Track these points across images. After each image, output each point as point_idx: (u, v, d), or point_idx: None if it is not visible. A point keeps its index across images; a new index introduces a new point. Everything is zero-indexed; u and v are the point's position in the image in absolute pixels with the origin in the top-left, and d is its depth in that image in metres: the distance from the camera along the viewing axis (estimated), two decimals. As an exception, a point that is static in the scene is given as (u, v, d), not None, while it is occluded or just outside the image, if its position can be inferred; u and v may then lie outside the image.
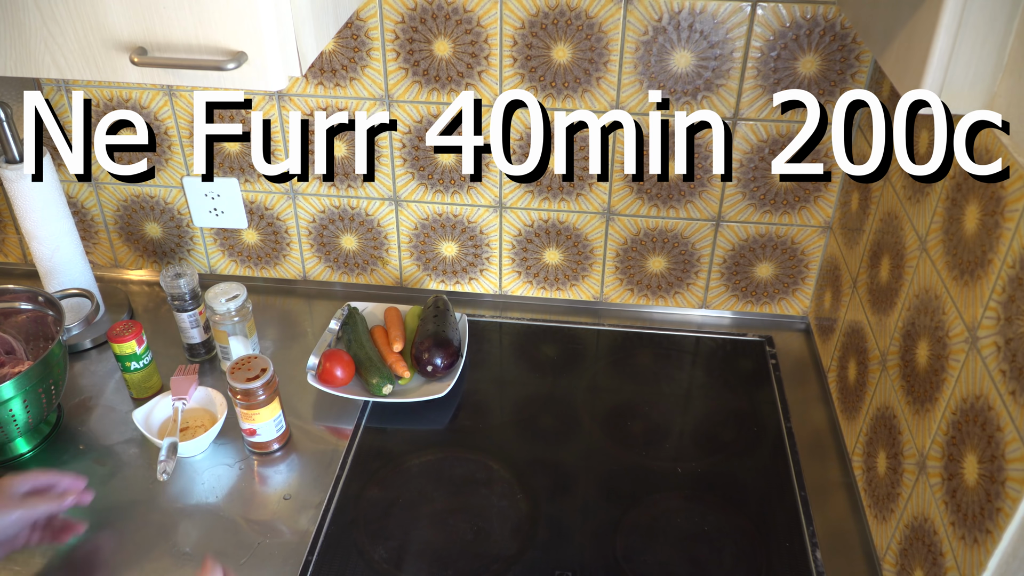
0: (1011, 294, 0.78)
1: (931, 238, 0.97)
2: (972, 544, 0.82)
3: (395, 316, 1.42)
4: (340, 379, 1.30)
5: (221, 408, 1.23)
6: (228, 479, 1.18)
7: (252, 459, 1.21)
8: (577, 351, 1.41)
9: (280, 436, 1.22)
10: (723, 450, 1.23)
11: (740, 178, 1.34)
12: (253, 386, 1.16)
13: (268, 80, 0.83)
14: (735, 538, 1.11)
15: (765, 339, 1.44)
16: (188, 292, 1.35)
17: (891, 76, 0.85)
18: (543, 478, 1.19)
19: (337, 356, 1.31)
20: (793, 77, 1.23)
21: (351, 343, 1.35)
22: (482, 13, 1.23)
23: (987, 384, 0.82)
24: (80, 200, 1.51)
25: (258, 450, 1.22)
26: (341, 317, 1.40)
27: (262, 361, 1.20)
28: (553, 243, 1.45)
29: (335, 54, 1.30)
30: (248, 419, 1.18)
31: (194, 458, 1.21)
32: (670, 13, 1.20)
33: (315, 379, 1.30)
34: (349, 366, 1.31)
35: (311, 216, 1.48)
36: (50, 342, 1.26)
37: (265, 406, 1.17)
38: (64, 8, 0.82)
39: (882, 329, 1.10)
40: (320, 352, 1.33)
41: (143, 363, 1.30)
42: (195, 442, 1.19)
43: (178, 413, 1.21)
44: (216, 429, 1.21)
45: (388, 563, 1.07)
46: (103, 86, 1.37)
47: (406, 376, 1.32)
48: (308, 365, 1.32)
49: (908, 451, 0.99)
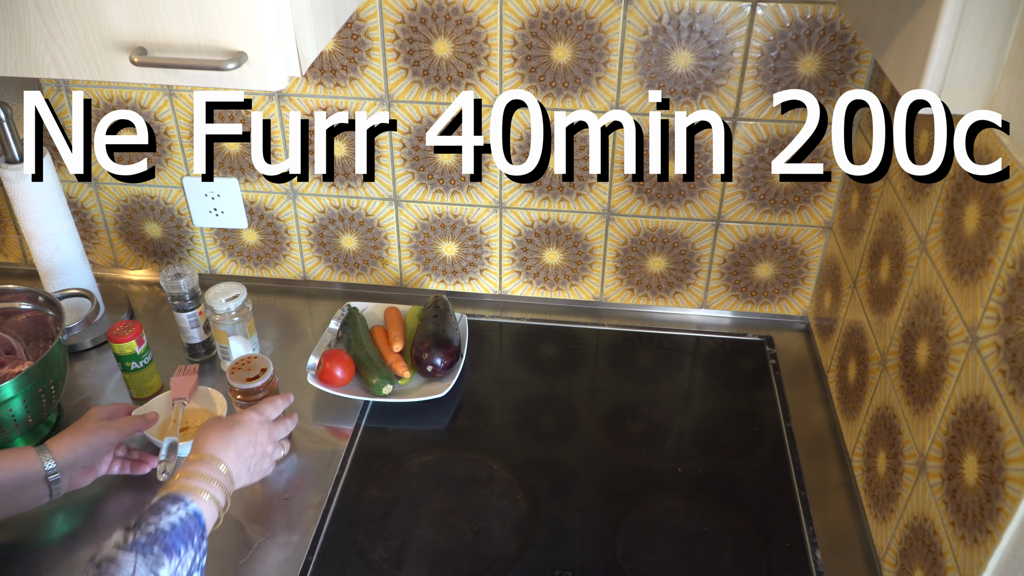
0: (1011, 294, 0.78)
1: (931, 238, 0.97)
2: (972, 544, 0.82)
3: (395, 316, 1.42)
4: (340, 379, 1.30)
5: (221, 408, 1.23)
6: (228, 479, 1.18)
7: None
8: (577, 351, 1.41)
9: None
10: (723, 450, 1.23)
11: (740, 178, 1.34)
12: (253, 386, 1.16)
13: (268, 80, 0.83)
14: (735, 538, 1.11)
15: (765, 339, 1.44)
16: (188, 292, 1.35)
17: (891, 76, 0.85)
18: (543, 478, 1.19)
19: (337, 356, 1.31)
20: (793, 77, 1.23)
21: (351, 343, 1.35)
22: (482, 13, 1.23)
23: (987, 384, 0.82)
24: (80, 200, 1.51)
25: None
26: (341, 317, 1.40)
27: (262, 361, 1.20)
28: (553, 243, 1.45)
29: (335, 54, 1.30)
30: None
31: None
32: (670, 13, 1.20)
33: (315, 379, 1.30)
34: (349, 366, 1.31)
35: (311, 216, 1.48)
36: (50, 342, 1.26)
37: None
38: (64, 8, 0.82)
39: (882, 329, 1.10)
40: (320, 352, 1.33)
41: (143, 363, 1.30)
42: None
43: (179, 413, 1.21)
44: None
45: (388, 563, 1.07)
46: (103, 86, 1.37)
47: (406, 376, 1.32)
48: (308, 365, 1.32)
49: (908, 451, 0.99)
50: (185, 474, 0.93)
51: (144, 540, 0.82)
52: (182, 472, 0.93)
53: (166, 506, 0.86)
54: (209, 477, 0.93)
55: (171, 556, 0.82)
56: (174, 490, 0.90)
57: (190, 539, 0.85)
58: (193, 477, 0.92)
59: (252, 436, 1.03)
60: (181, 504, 0.87)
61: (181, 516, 0.86)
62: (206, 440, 0.99)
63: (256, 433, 1.04)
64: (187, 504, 0.87)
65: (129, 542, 0.81)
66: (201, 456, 0.96)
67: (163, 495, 0.88)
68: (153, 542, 0.82)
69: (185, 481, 0.91)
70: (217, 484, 0.93)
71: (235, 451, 0.99)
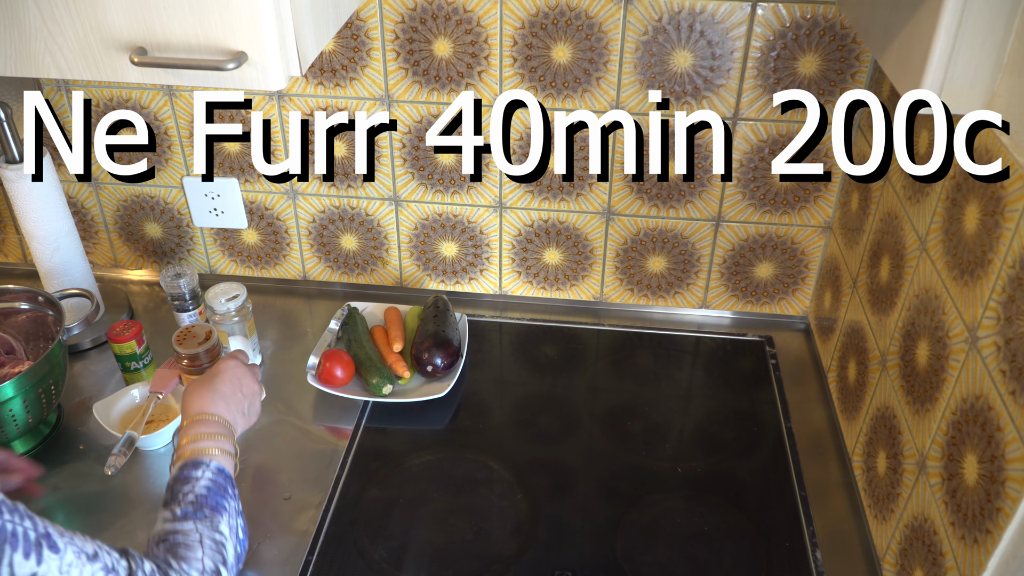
0: (1011, 294, 0.78)
1: (931, 238, 0.97)
2: (972, 544, 0.82)
3: (395, 316, 1.42)
4: (340, 379, 1.30)
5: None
6: (228, 479, 1.18)
7: (252, 458, 1.22)
8: (577, 351, 1.41)
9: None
10: (723, 450, 1.23)
11: (740, 178, 1.34)
12: (197, 351, 1.19)
13: (268, 80, 0.83)
14: (735, 538, 1.11)
15: (765, 339, 1.44)
16: (188, 292, 1.35)
17: (891, 76, 0.85)
18: (543, 478, 1.19)
19: (337, 356, 1.31)
20: (793, 77, 1.23)
21: (351, 343, 1.35)
22: (482, 13, 1.23)
23: (987, 384, 0.82)
24: (80, 200, 1.51)
25: None
26: (341, 317, 1.40)
27: (204, 328, 1.23)
28: (553, 243, 1.45)
29: (335, 54, 1.30)
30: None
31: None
32: (670, 13, 1.20)
33: (315, 379, 1.30)
34: (349, 366, 1.31)
35: (311, 216, 1.48)
36: (50, 342, 1.26)
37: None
38: (64, 8, 0.82)
39: (882, 329, 1.10)
40: (320, 352, 1.33)
41: (143, 363, 1.30)
42: (158, 435, 1.19)
43: (150, 406, 1.19)
44: (179, 421, 1.20)
45: (388, 563, 1.07)
46: (103, 86, 1.37)
47: (406, 376, 1.32)
48: (308, 365, 1.32)
49: (908, 451, 0.99)
50: (189, 438, 0.94)
51: (191, 509, 0.86)
52: (186, 438, 0.95)
53: (190, 473, 0.90)
54: (211, 433, 0.95)
55: (220, 512, 0.88)
56: (188, 456, 0.92)
57: (226, 493, 0.90)
58: (198, 439, 0.94)
59: (235, 383, 1.04)
60: (203, 466, 0.91)
61: (209, 476, 0.90)
62: (192, 401, 1.00)
63: (240, 379, 1.05)
64: (208, 464, 0.91)
65: (179, 513, 0.86)
66: (193, 417, 0.97)
67: (181, 464, 0.91)
68: (200, 507, 0.86)
69: (193, 445, 0.93)
70: (220, 436, 0.96)
71: (223, 401, 1.01)
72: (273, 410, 1.29)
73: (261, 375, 1.17)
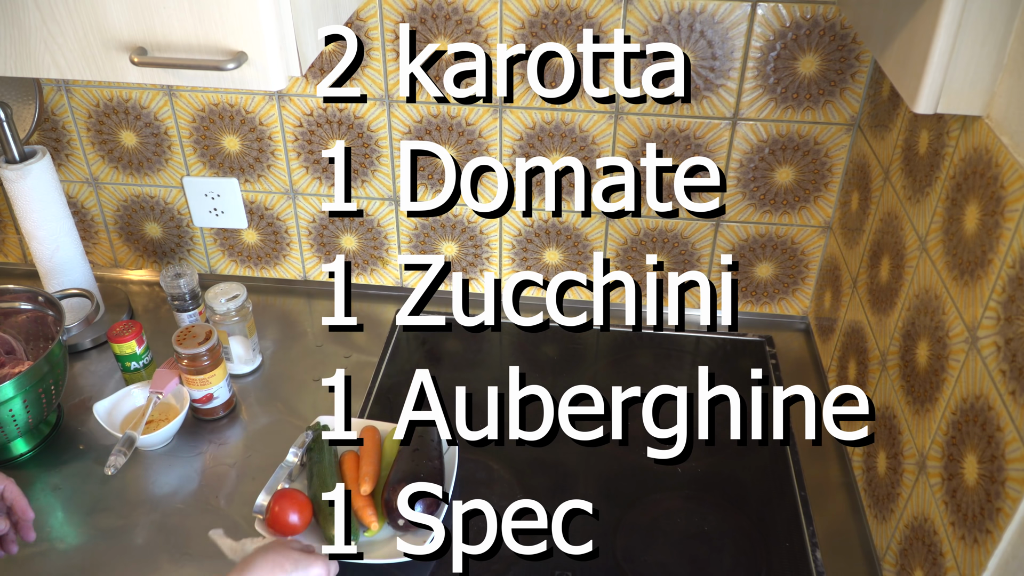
0: (1011, 294, 0.78)
1: (931, 238, 0.97)
2: (972, 544, 0.82)
3: (372, 441, 1.17)
4: (295, 526, 1.05)
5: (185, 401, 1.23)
6: (230, 480, 1.18)
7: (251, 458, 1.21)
8: (577, 351, 1.41)
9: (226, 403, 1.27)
10: (723, 450, 1.23)
11: (740, 178, 1.34)
12: (199, 351, 1.19)
13: (268, 80, 0.83)
14: (735, 538, 1.11)
15: (765, 339, 1.44)
16: (188, 292, 1.35)
17: (891, 76, 0.85)
18: (543, 478, 1.19)
19: (291, 498, 1.06)
20: (793, 77, 1.23)
21: (313, 478, 1.12)
22: (482, 13, 1.23)
23: (987, 384, 0.82)
24: (80, 200, 1.51)
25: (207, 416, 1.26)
26: (304, 444, 1.15)
27: (204, 328, 1.23)
28: (553, 243, 1.45)
29: (335, 54, 1.30)
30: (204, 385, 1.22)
31: (195, 458, 1.21)
32: (670, 13, 1.20)
33: (263, 525, 1.05)
34: (306, 509, 1.06)
35: (311, 216, 1.48)
36: (50, 342, 1.26)
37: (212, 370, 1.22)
38: (64, 8, 0.82)
39: (882, 329, 1.10)
40: (272, 491, 1.07)
41: (143, 363, 1.30)
42: (158, 435, 1.19)
43: (150, 406, 1.20)
44: (179, 422, 1.21)
45: (388, 563, 1.07)
46: (103, 86, 1.37)
47: (373, 528, 1.07)
48: (255, 507, 1.06)
49: (908, 451, 0.99)
50: None
51: None
52: None
53: None
54: None
55: None
56: None
57: None
58: None
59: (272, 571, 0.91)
60: None
61: None
62: None
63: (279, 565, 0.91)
64: None
65: None
66: None
67: None
68: None
69: None
70: None
71: None
72: (273, 410, 1.29)
73: (261, 375, 1.13)
